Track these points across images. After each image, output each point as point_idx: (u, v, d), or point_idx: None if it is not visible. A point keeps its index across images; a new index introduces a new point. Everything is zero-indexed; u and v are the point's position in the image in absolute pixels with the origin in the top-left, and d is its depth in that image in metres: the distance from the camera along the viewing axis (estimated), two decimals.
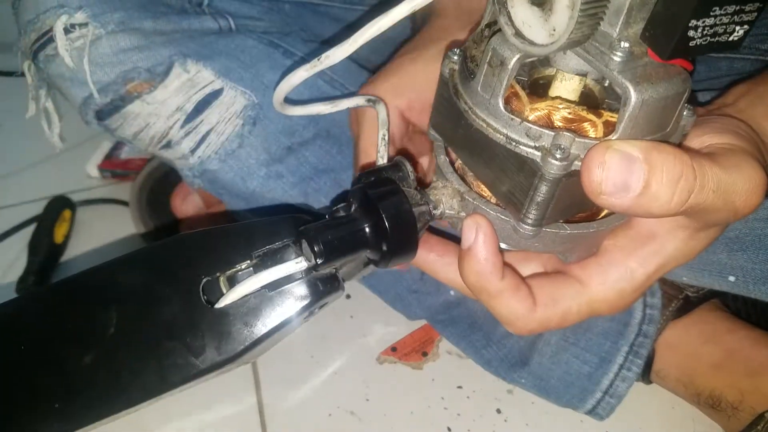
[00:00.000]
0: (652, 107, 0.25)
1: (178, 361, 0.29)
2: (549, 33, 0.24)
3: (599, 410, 0.52)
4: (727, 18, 0.23)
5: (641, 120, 0.25)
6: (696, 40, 0.23)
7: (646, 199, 0.24)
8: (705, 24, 0.23)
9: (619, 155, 0.24)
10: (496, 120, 0.27)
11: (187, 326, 0.30)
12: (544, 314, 0.31)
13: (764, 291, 0.45)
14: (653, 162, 0.24)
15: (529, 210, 0.27)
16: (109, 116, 0.46)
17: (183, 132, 0.47)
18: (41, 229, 0.72)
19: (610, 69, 0.24)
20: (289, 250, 0.30)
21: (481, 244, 0.29)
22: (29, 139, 0.75)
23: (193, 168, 0.49)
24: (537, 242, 0.30)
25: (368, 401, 0.57)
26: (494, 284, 0.30)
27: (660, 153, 0.24)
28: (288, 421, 0.56)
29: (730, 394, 0.49)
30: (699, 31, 0.23)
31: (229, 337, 0.29)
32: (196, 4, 0.50)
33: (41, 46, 0.45)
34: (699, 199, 0.25)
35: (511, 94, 0.28)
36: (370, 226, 0.29)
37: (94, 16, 0.44)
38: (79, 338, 0.30)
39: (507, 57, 0.25)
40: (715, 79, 0.50)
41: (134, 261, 0.33)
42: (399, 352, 0.61)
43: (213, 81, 0.46)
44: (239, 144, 0.48)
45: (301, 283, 0.30)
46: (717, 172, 0.26)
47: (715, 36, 0.24)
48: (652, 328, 0.51)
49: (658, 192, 0.24)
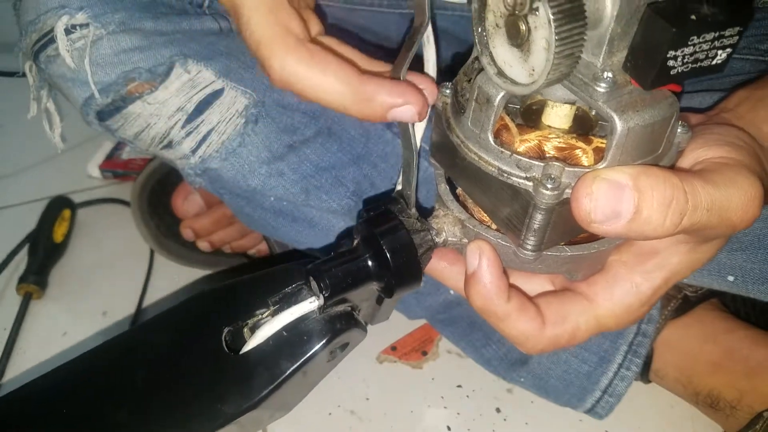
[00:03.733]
0: (639, 134, 0.25)
1: (205, 410, 0.30)
2: (529, 73, 0.24)
3: (598, 409, 0.52)
4: (706, 45, 0.23)
5: (629, 146, 0.25)
6: (677, 68, 0.24)
7: (638, 224, 0.25)
8: (684, 53, 0.23)
9: (607, 184, 0.24)
10: (487, 153, 0.27)
11: (211, 376, 0.31)
12: (554, 332, 0.31)
13: (763, 291, 0.45)
14: (642, 187, 0.24)
15: (527, 236, 0.28)
16: (111, 117, 0.46)
17: (184, 132, 0.47)
18: (41, 229, 0.72)
19: (594, 99, 0.25)
20: (303, 291, 0.31)
21: (485, 268, 0.29)
22: (30, 139, 0.75)
23: (194, 167, 0.49)
24: (540, 264, 0.30)
25: (368, 400, 0.57)
26: (501, 307, 0.30)
27: (649, 177, 0.25)
28: (288, 421, 0.56)
29: (729, 393, 0.49)
30: (679, 60, 0.23)
31: (252, 381, 0.30)
32: (196, 5, 0.50)
33: (42, 47, 0.45)
34: (693, 219, 0.25)
35: (501, 126, 0.28)
36: (373, 258, 0.30)
37: (95, 16, 0.44)
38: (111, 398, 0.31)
39: (492, 95, 0.26)
40: (714, 80, 0.50)
41: (158, 323, 0.34)
42: (399, 351, 0.61)
43: (214, 81, 0.46)
44: (240, 143, 0.48)
45: (316, 322, 0.30)
46: (710, 191, 0.26)
47: (696, 62, 0.24)
48: (650, 328, 0.51)
49: (650, 216, 0.25)
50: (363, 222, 0.31)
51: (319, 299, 0.30)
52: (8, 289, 0.65)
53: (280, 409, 0.34)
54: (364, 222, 0.31)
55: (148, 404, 0.31)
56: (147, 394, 0.31)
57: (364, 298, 0.32)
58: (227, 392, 0.30)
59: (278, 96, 0.48)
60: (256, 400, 0.30)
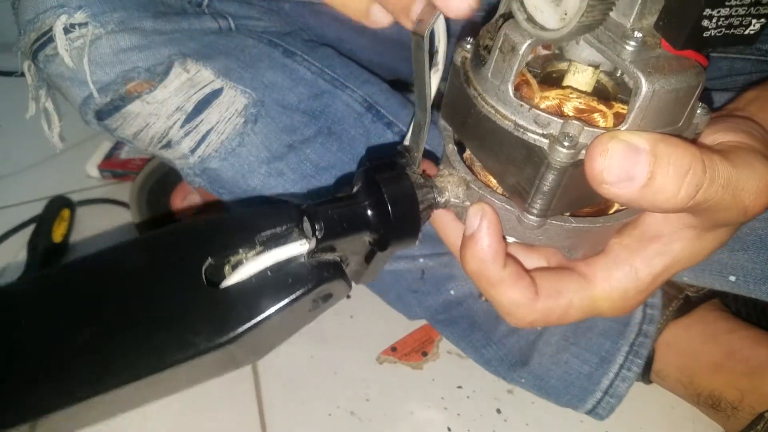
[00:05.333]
0: (663, 99, 0.24)
1: (175, 339, 0.29)
2: (560, 17, 0.23)
3: (599, 410, 0.52)
4: (743, 10, 0.23)
5: (651, 111, 0.24)
6: (710, 31, 0.23)
7: (652, 191, 0.24)
8: (720, 14, 0.22)
9: (624, 145, 0.24)
10: (505, 106, 0.26)
11: (188, 307, 0.29)
12: (546, 305, 0.30)
13: (765, 291, 0.45)
14: (660, 154, 0.24)
15: (535, 199, 0.27)
16: (109, 116, 0.46)
17: (183, 132, 0.47)
18: (40, 229, 0.72)
19: (622, 59, 0.24)
20: (293, 233, 0.30)
21: (485, 230, 0.29)
22: (29, 139, 0.75)
23: (193, 167, 0.49)
24: (541, 235, 0.29)
25: (368, 401, 0.57)
26: (495, 272, 0.29)
27: (668, 146, 0.24)
28: (288, 421, 0.56)
29: (730, 394, 0.49)
30: (713, 21, 0.23)
31: (230, 318, 0.28)
32: (195, 4, 0.50)
33: (41, 46, 0.45)
34: (708, 194, 0.25)
35: (522, 81, 0.28)
36: (372, 205, 0.29)
37: (93, 15, 0.44)
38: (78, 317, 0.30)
39: (518, 42, 0.25)
40: (715, 80, 0.50)
41: (138, 246, 0.33)
42: (399, 352, 0.61)
43: (213, 81, 0.46)
44: (240, 142, 0.48)
45: (303, 267, 0.29)
46: (727, 168, 0.25)
47: (730, 28, 0.23)
48: (652, 328, 0.51)
49: (665, 184, 0.24)
50: (365, 169, 0.29)
51: (311, 242, 0.28)
52: None
53: (255, 351, 0.33)
54: (367, 169, 0.29)
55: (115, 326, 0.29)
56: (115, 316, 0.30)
57: (354, 251, 0.30)
58: (201, 325, 0.28)
59: (278, 96, 0.47)
60: (230, 337, 0.28)
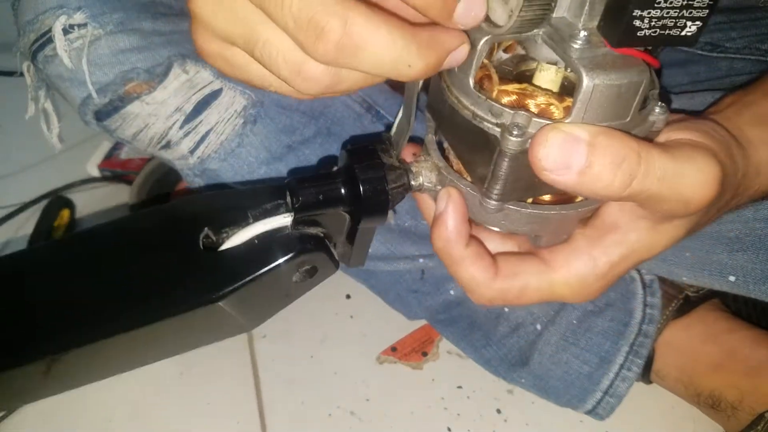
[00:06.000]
0: (604, 93, 0.26)
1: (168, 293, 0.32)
2: (508, 14, 0.26)
3: (599, 410, 0.52)
4: (675, 12, 0.24)
5: (594, 105, 0.26)
6: (644, 31, 0.25)
7: (589, 178, 0.26)
8: (651, 15, 0.24)
9: (563, 135, 0.25)
10: (466, 97, 0.29)
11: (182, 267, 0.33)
12: (503, 285, 0.32)
13: (764, 291, 0.45)
14: (597, 144, 0.25)
15: (491, 184, 0.29)
16: (109, 117, 0.46)
17: (182, 132, 0.47)
18: (39, 229, 0.72)
19: (568, 56, 0.26)
20: (281, 208, 0.33)
21: (450, 212, 0.31)
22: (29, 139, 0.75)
23: (193, 168, 0.49)
24: (503, 219, 0.31)
25: (368, 401, 0.57)
26: (458, 251, 0.32)
27: (606, 137, 0.26)
28: (288, 422, 0.56)
29: (730, 394, 0.49)
30: (646, 22, 0.24)
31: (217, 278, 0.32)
32: None
33: (40, 47, 0.45)
34: (644, 184, 0.26)
35: (485, 76, 0.30)
36: (346, 182, 0.32)
37: (93, 16, 0.44)
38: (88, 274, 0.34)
39: (476, 39, 0.28)
40: (715, 80, 0.50)
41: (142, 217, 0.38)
42: (399, 352, 0.61)
43: (212, 81, 0.46)
44: (239, 143, 0.48)
45: (287, 238, 0.32)
46: (665, 161, 0.26)
47: (664, 29, 0.25)
48: (652, 328, 0.51)
49: (601, 173, 0.26)
50: (345, 150, 0.32)
51: (292, 214, 0.32)
52: None
53: (249, 315, 0.36)
54: (347, 150, 0.32)
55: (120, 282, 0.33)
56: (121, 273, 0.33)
57: (337, 229, 0.33)
58: (193, 283, 0.32)
59: (277, 96, 0.47)
60: (216, 296, 0.31)
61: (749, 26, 0.51)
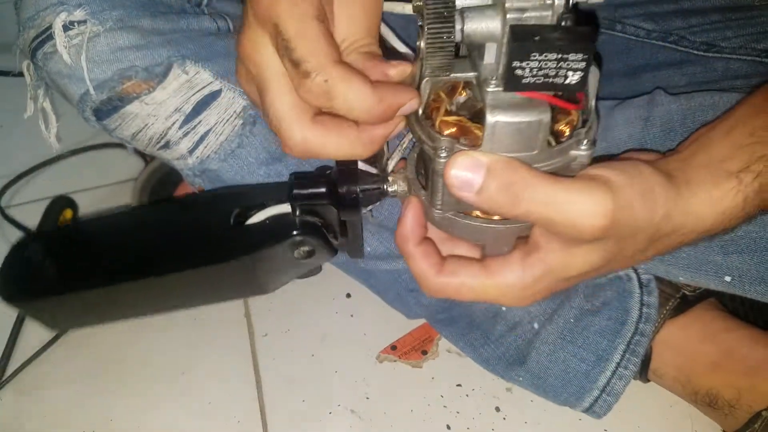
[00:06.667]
0: (505, 129, 0.30)
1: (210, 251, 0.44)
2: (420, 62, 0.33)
3: (596, 408, 0.52)
4: (552, 63, 0.28)
5: (498, 137, 0.31)
6: (528, 78, 0.29)
7: (485, 197, 0.31)
8: (530, 66, 0.28)
9: (468, 159, 0.31)
10: (418, 124, 0.35)
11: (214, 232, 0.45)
12: (444, 280, 0.37)
13: (760, 291, 0.45)
14: (493, 169, 0.31)
15: (433, 196, 0.36)
16: (108, 116, 0.46)
17: (181, 132, 0.47)
18: (43, 229, 0.72)
19: (483, 96, 0.31)
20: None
21: (408, 216, 0.37)
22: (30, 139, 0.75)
23: (192, 168, 0.49)
24: (449, 226, 0.37)
25: (368, 399, 0.57)
26: (410, 247, 0.38)
27: (501, 164, 0.31)
28: (289, 420, 0.56)
29: (727, 392, 0.49)
30: (527, 71, 0.29)
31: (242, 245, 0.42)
32: (195, 4, 0.50)
33: (40, 44, 0.45)
34: (531, 207, 0.31)
35: (435, 108, 0.35)
36: (330, 182, 0.40)
37: (92, 13, 0.44)
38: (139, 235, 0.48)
39: (423, 78, 0.34)
40: (713, 82, 0.50)
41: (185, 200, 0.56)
42: (399, 350, 0.61)
43: (212, 82, 0.46)
44: (239, 144, 0.48)
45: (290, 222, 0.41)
46: (552, 188, 0.31)
47: (548, 77, 0.29)
48: (649, 327, 0.51)
49: (493, 194, 0.31)
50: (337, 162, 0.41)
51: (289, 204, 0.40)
52: None
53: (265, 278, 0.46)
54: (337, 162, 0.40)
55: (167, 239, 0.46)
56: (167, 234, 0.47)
57: (331, 219, 0.41)
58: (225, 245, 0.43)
59: None
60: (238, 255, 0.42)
61: (744, 25, 0.51)
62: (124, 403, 0.58)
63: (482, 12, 0.30)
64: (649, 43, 0.56)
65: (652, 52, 0.56)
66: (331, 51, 0.32)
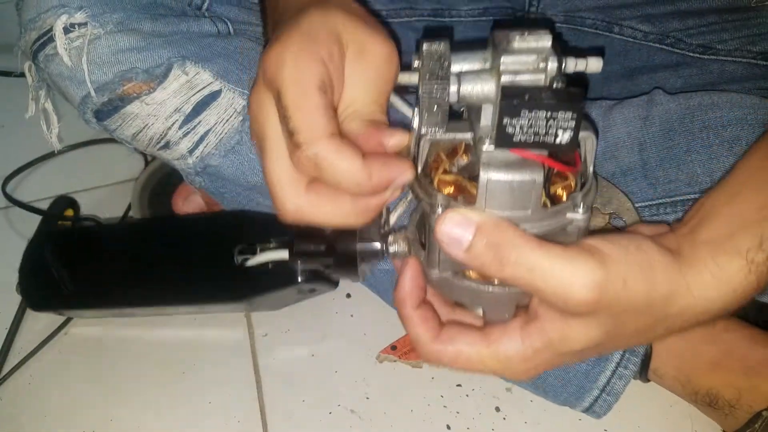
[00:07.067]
0: (497, 187, 0.31)
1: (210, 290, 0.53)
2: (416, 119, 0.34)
3: (596, 408, 0.52)
4: (542, 122, 0.29)
5: (492, 195, 0.31)
6: (518, 136, 0.29)
7: (472, 255, 0.30)
8: (521, 123, 0.29)
9: (459, 216, 0.31)
10: (418, 182, 0.35)
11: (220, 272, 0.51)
12: (440, 347, 0.36)
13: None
14: (483, 228, 0.30)
15: (429, 254, 0.35)
16: (108, 117, 0.47)
17: (181, 133, 0.47)
18: (43, 228, 0.72)
19: (478, 154, 0.32)
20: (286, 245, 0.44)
21: (407, 278, 0.37)
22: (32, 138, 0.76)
23: (193, 166, 0.49)
24: (446, 288, 0.36)
25: (368, 399, 0.57)
26: (407, 310, 0.37)
27: (493, 225, 0.30)
28: (289, 420, 0.56)
29: (728, 392, 0.49)
30: (518, 129, 0.29)
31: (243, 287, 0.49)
32: (195, 7, 0.50)
33: (41, 46, 0.46)
34: (516, 272, 0.30)
35: (434, 167, 0.36)
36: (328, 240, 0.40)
37: (93, 16, 0.44)
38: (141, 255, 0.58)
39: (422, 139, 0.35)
40: (708, 85, 0.51)
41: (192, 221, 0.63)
42: (399, 350, 0.61)
43: (212, 83, 0.46)
44: (239, 140, 0.48)
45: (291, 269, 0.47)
46: (539, 256, 0.30)
47: (538, 136, 0.29)
48: None
49: (480, 253, 0.30)
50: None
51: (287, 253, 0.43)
52: (8, 288, 0.65)
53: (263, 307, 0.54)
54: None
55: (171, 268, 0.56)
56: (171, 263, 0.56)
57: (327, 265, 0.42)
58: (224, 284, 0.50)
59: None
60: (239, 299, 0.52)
61: (741, 27, 0.51)
62: (124, 403, 0.58)
63: (478, 75, 0.31)
64: (646, 45, 0.56)
65: (649, 54, 0.56)
66: (325, 123, 0.32)
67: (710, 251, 0.32)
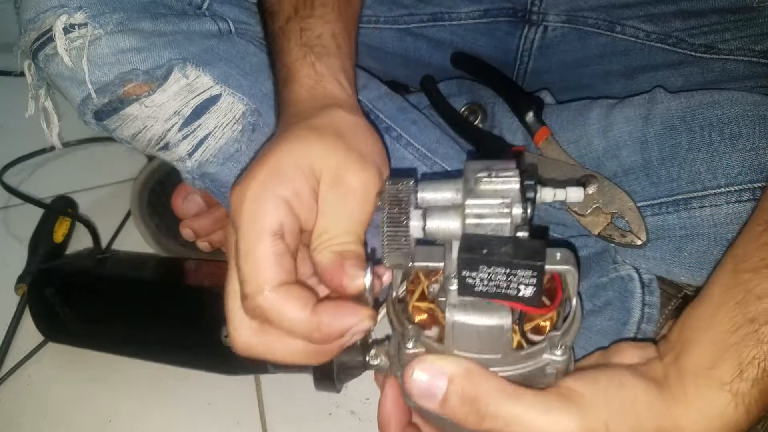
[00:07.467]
0: (464, 330, 0.30)
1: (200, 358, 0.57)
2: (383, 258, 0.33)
3: None
4: (502, 277, 0.28)
5: (459, 337, 0.30)
6: (479, 287, 0.29)
7: (449, 408, 0.29)
8: (480, 276, 0.28)
9: (430, 367, 0.30)
10: (393, 310, 0.35)
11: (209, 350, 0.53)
12: None
13: None
14: (454, 379, 0.29)
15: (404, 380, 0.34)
16: (108, 117, 0.46)
17: (180, 135, 0.47)
18: (41, 229, 0.72)
19: (447, 295, 0.31)
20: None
21: (388, 400, 0.36)
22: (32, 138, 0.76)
23: (192, 171, 0.49)
24: (425, 413, 0.35)
25: (368, 400, 0.57)
26: (392, 429, 0.36)
27: (463, 375, 0.29)
28: (288, 421, 0.56)
29: None
30: (478, 281, 0.29)
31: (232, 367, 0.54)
32: (196, 6, 0.50)
33: (41, 46, 0.45)
34: (495, 425, 0.29)
35: (411, 290, 0.35)
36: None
37: (93, 16, 0.44)
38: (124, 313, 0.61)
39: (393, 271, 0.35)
40: (709, 83, 0.50)
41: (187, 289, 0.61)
42: None
43: (212, 87, 0.46)
44: (238, 149, 0.48)
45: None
46: (515, 408, 0.29)
47: (500, 288, 0.29)
48: (650, 327, 0.51)
49: (455, 406, 0.29)
50: None
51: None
52: (8, 288, 0.65)
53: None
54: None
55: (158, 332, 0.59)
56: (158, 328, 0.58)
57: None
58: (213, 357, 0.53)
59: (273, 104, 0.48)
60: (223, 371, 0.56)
61: (743, 27, 0.51)
62: (124, 403, 0.58)
63: (444, 212, 0.31)
64: (648, 45, 0.56)
65: (651, 53, 0.56)
66: (273, 274, 0.32)
67: (696, 385, 0.31)
